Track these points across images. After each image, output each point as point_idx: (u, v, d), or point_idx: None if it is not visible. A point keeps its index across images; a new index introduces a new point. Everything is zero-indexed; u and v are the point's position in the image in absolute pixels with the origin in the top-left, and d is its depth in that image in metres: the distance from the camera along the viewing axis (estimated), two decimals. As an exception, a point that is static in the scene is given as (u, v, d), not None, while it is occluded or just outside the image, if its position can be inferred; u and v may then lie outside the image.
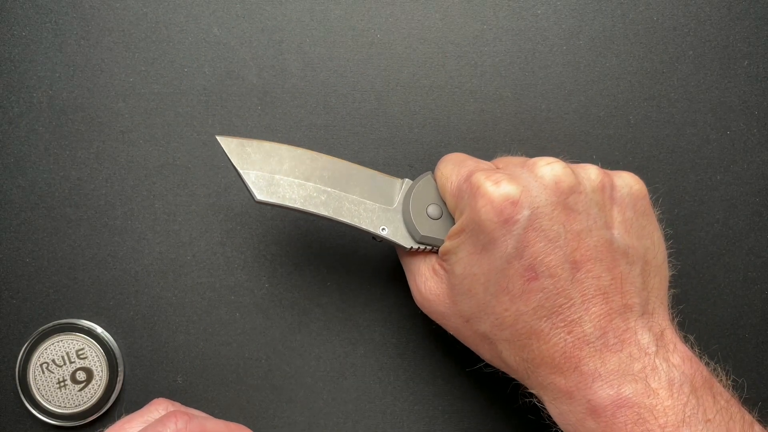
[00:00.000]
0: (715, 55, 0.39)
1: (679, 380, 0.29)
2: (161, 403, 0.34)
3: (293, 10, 0.39)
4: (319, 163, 0.34)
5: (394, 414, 0.39)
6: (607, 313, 0.29)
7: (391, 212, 0.34)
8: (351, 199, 0.34)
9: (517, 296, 0.30)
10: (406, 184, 0.35)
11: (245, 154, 0.33)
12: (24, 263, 0.39)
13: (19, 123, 0.39)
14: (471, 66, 0.39)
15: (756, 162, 0.39)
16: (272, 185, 0.33)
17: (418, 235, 0.33)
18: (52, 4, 0.39)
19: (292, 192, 0.33)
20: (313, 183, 0.33)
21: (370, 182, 0.34)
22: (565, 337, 0.29)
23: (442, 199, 0.34)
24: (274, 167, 0.33)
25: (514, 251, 0.29)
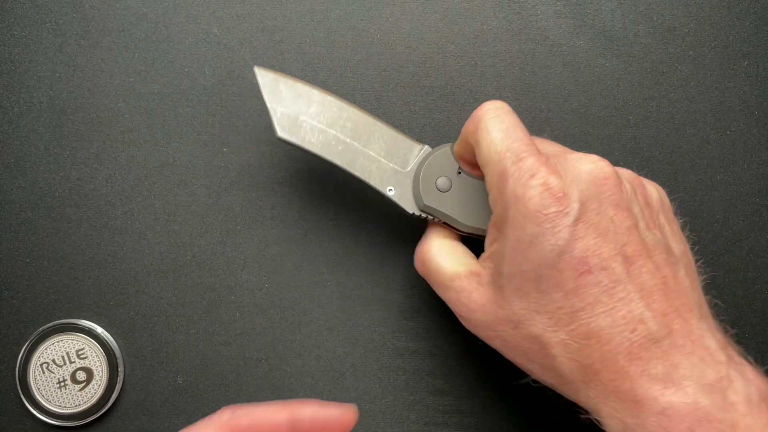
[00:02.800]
0: (715, 55, 0.39)
1: (756, 397, 0.26)
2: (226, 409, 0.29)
3: (293, 10, 0.39)
4: (345, 113, 0.34)
5: (394, 414, 0.39)
6: (670, 309, 0.28)
7: (402, 175, 0.35)
8: (367, 155, 0.34)
9: (570, 292, 0.28)
10: (425, 151, 0.35)
11: (277, 91, 0.34)
12: (24, 263, 0.39)
13: (19, 123, 0.39)
14: (471, 66, 0.39)
15: (756, 162, 0.39)
16: (295, 126, 0.34)
17: (421, 203, 0.34)
18: (52, 4, 0.39)
19: (312, 136, 0.34)
20: (334, 131, 0.34)
21: (390, 142, 0.35)
22: (628, 336, 0.27)
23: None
24: (301, 108, 0.34)
25: (565, 244, 0.28)
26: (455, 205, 0.34)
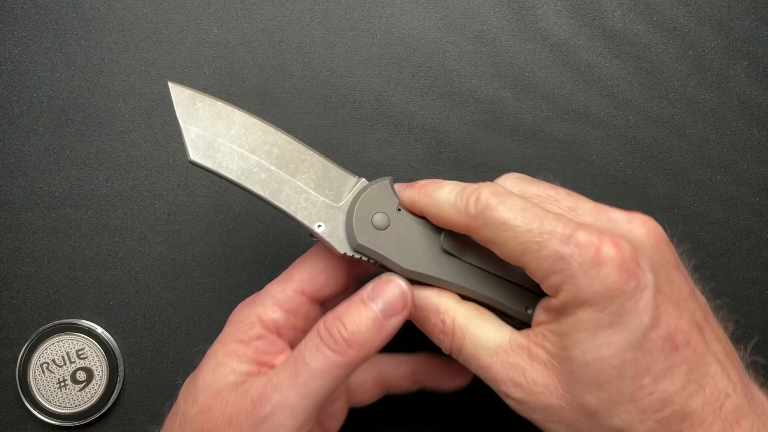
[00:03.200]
0: (715, 55, 0.39)
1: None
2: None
3: (293, 10, 0.39)
4: (270, 138, 0.30)
5: (394, 414, 0.39)
6: (740, 376, 0.26)
7: (334, 210, 0.30)
8: (294, 185, 0.30)
9: (660, 375, 0.25)
10: (361, 184, 0.31)
11: (193, 109, 0.30)
12: (24, 263, 0.39)
13: (19, 123, 0.39)
14: (471, 66, 0.39)
15: (756, 162, 0.39)
16: (212, 149, 0.30)
17: (354, 243, 0.30)
18: (52, 4, 0.39)
19: (231, 161, 0.30)
20: (257, 157, 0.30)
21: (322, 172, 0.31)
22: (719, 413, 0.25)
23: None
24: (219, 130, 0.30)
25: (650, 321, 0.25)
26: (394, 245, 0.30)
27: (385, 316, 0.28)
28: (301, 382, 0.27)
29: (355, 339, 0.27)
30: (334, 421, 0.34)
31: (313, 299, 0.31)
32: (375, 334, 0.27)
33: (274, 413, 0.27)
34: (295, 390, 0.27)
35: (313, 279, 0.30)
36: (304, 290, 0.30)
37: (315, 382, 0.27)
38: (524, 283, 0.30)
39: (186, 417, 0.29)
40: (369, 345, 0.27)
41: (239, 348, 0.29)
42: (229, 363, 0.29)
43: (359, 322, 0.27)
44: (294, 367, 0.27)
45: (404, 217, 0.30)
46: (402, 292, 0.28)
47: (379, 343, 0.28)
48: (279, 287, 0.30)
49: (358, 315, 0.28)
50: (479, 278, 0.30)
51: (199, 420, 0.28)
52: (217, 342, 0.30)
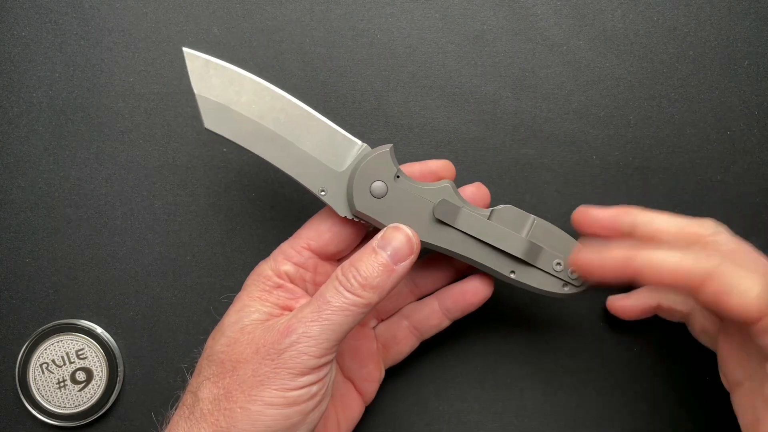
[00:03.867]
0: (715, 55, 0.39)
1: None
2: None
3: (293, 10, 0.39)
4: (279, 103, 0.32)
5: (394, 414, 0.39)
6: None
7: (337, 175, 0.32)
8: (299, 151, 0.32)
9: None
10: (364, 150, 0.33)
11: (206, 76, 0.31)
12: (24, 263, 0.39)
13: (19, 123, 0.39)
14: (471, 66, 0.39)
15: (756, 162, 0.39)
16: (224, 116, 0.31)
17: (353, 208, 0.32)
18: (52, 4, 0.39)
19: (241, 127, 0.32)
20: (266, 123, 0.32)
21: (327, 138, 0.32)
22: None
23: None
24: (231, 96, 0.31)
25: None
26: (390, 212, 0.32)
27: (394, 261, 0.31)
28: (324, 317, 0.30)
29: (369, 282, 0.30)
30: (369, 384, 0.37)
31: (320, 255, 0.34)
32: (386, 277, 0.31)
33: (299, 341, 0.30)
34: (318, 324, 0.30)
35: (320, 237, 0.34)
36: (311, 246, 0.34)
37: (335, 318, 0.30)
38: (508, 248, 0.33)
39: (213, 351, 0.32)
40: (382, 287, 0.31)
41: (262, 294, 0.33)
42: (252, 305, 0.33)
43: (371, 268, 0.31)
44: (317, 305, 0.31)
45: (401, 186, 0.32)
46: (408, 239, 0.31)
47: (391, 285, 0.31)
48: (289, 244, 0.34)
49: (370, 261, 0.31)
50: (468, 244, 0.33)
51: (227, 351, 0.31)
52: (241, 293, 0.34)
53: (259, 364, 0.30)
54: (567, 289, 0.34)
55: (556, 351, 0.39)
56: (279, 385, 0.30)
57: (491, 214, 0.33)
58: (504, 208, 0.33)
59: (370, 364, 0.37)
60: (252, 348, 0.31)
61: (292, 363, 0.30)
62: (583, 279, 0.33)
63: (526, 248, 0.33)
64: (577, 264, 0.31)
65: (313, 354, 0.30)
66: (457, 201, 0.33)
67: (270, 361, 0.30)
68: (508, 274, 0.33)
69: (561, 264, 0.33)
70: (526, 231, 0.33)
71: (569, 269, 0.33)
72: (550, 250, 0.33)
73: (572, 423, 0.39)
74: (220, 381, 0.31)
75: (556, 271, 0.33)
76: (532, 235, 0.33)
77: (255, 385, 0.30)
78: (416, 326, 0.37)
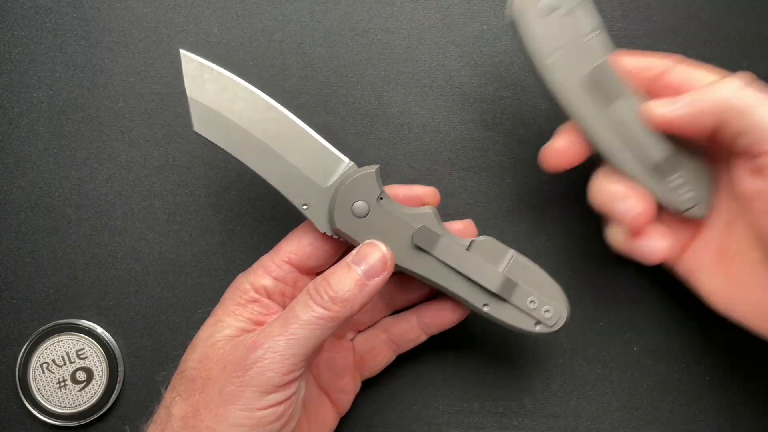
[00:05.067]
0: (715, 55, 0.39)
1: None
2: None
3: (293, 10, 0.39)
4: (270, 114, 0.32)
5: (394, 414, 0.39)
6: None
7: (321, 190, 0.32)
8: (285, 163, 0.32)
9: None
10: (350, 169, 0.33)
11: (201, 80, 0.32)
12: (24, 263, 0.39)
13: (19, 123, 0.39)
14: (471, 66, 0.39)
15: (756, 162, 0.39)
16: (214, 122, 0.32)
17: (333, 225, 0.32)
18: (52, 4, 0.39)
19: (229, 134, 0.32)
20: (255, 133, 0.32)
21: (315, 153, 0.32)
22: None
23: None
24: (223, 103, 0.32)
25: None
26: (369, 233, 0.32)
27: (367, 276, 0.31)
28: (291, 331, 0.30)
29: (339, 296, 0.30)
30: (344, 396, 0.37)
31: (300, 269, 0.34)
32: (358, 292, 0.30)
33: (264, 357, 0.29)
34: (284, 338, 0.30)
35: (300, 250, 0.34)
36: (291, 260, 0.34)
37: (303, 332, 0.30)
38: (483, 282, 0.33)
39: (185, 366, 0.32)
40: (352, 302, 0.30)
41: (236, 309, 0.33)
42: (226, 320, 0.32)
43: (343, 282, 0.30)
44: (285, 319, 0.30)
45: (383, 208, 0.32)
46: (382, 256, 0.31)
47: (363, 300, 0.31)
48: (270, 257, 0.34)
49: (343, 276, 0.31)
50: (444, 273, 0.33)
51: (197, 368, 0.31)
52: (217, 306, 0.34)
53: (226, 381, 0.30)
54: (539, 327, 0.33)
55: (556, 351, 0.39)
56: (244, 404, 0.29)
57: (471, 244, 0.33)
58: (484, 240, 0.33)
59: (346, 377, 0.37)
60: (220, 365, 0.30)
61: (257, 380, 0.29)
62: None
63: (501, 283, 0.33)
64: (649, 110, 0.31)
65: (279, 370, 0.29)
66: (438, 228, 0.33)
67: (236, 378, 0.30)
68: (481, 307, 0.33)
69: (535, 302, 0.33)
70: (503, 265, 0.33)
71: (543, 308, 0.33)
72: (526, 287, 0.33)
73: (572, 423, 0.39)
74: (190, 398, 0.31)
75: (529, 309, 0.33)
76: (509, 270, 0.33)
77: (222, 404, 0.29)
78: (394, 340, 0.37)
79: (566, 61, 0.31)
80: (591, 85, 0.32)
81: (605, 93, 0.31)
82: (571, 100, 0.32)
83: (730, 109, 0.29)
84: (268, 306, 0.33)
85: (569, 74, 0.31)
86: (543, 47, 0.31)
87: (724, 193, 0.33)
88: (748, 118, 0.29)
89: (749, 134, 0.29)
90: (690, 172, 0.32)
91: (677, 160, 0.32)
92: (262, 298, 0.33)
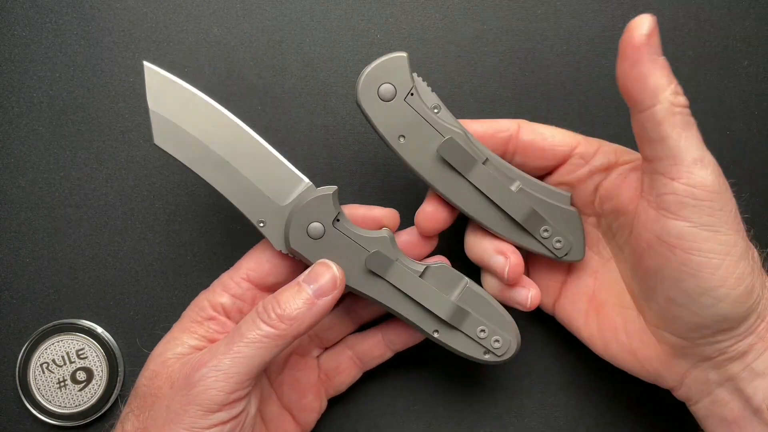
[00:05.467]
0: (715, 55, 0.39)
1: None
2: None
3: (293, 10, 0.39)
4: (231, 131, 0.32)
5: (393, 414, 0.39)
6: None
7: (278, 209, 0.32)
8: (244, 180, 0.32)
9: None
10: (308, 189, 0.33)
11: (163, 93, 0.31)
12: (24, 263, 0.39)
13: (19, 123, 0.39)
14: (471, 66, 0.39)
15: (756, 162, 0.39)
16: (174, 135, 0.32)
17: (288, 245, 0.32)
18: (52, 4, 0.39)
19: (189, 148, 0.32)
20: (214, 148, 0.32)
21: (274, 171, 0.32)
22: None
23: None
24: (185, 117, 0.32)
25: None
26: (323, 255, 0.32)
27: (316, 296, 0.31)
28: (235, 349, 0.30)
29: (287, 315, 0.30)
30: (307, 414, 0.36)
31: (259, 286, 0.34)
32: (306, 310, 0.31)
33: (208, 376, 0.29)
34: (229, 356, 0.30)
35: (258, 268, 0.33)
36: (249, 277, 0.33)
37: (248, 350, 0.30)
38: (434, 309, 0.33)
39: (139, 382, 0.32)
40: (300, 320, 0.30)
41: (191, 326, 0.33)
42: (180, 337, 0.33)
43: (292, 301, 0.31)
44: (231, 337, 0.30)
45: (339, 230, 0.32)
46: (332, 275, 0.31)
47: (311, 319, 0.31)
48: (229, 275, 0.34)
49: (292, 294, 0.31)
50: (396, 298, 0.33)
51: (148, 385, 0.31)
52: (176, 323, 0.34)
53: (172, 399, 0.30)
54: (488, 356, 0.34)
55: (556, 350, 0.39)
56: (188, 423, 0.29)
57: (425, 271, 0.33)
58: (439, 267, 0.33)
59: (310, 395, 0.36)
60: (168, 383, 0.30)
61: (200, 399, 0.29)
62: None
63: (452, 311, 0.33)
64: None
65: (223, 389, 0.29)
66: (392, 253, 0.33)
67: (181, 396, 0.29)
68: (431, 333, 0.33)
69: (485, 331, 0.33)
70: (456, 293, 0.33)
71: (492, 338, 0.33)
72: (477, 316, 0.33)
73: (572, 423, 0.39)
74: (141, 415, 0.31)
75: (479, 338, 0.33)
76: (461, 298, 0.33)
77: (168, 422, 0.29)
78: (359, 357, 0.37)
79: (414, 141, 0.32)
80: (442, 159, 0.32)
81: (458, 164, 0.32)
82: (427, 174, 0.32)
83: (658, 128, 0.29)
84: (224, 324, 0.33)
85: (419, 152, 0.32)
86: (390, 130, 0.32)
87: (591, 239, 0.35)
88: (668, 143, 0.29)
89: (665, 158, 0.29)
90: (557, 223, 0.33)
91: (540, 215, 0.33)
92: (219, 316, 0.33)
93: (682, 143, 0.28)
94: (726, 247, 0.29)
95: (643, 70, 0.28)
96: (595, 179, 0.33)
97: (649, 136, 0.29)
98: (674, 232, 0.29)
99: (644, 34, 0.28)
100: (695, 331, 0.30)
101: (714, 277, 0.29)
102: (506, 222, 0.33)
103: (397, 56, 0.32)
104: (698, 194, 0.28)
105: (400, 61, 0.32)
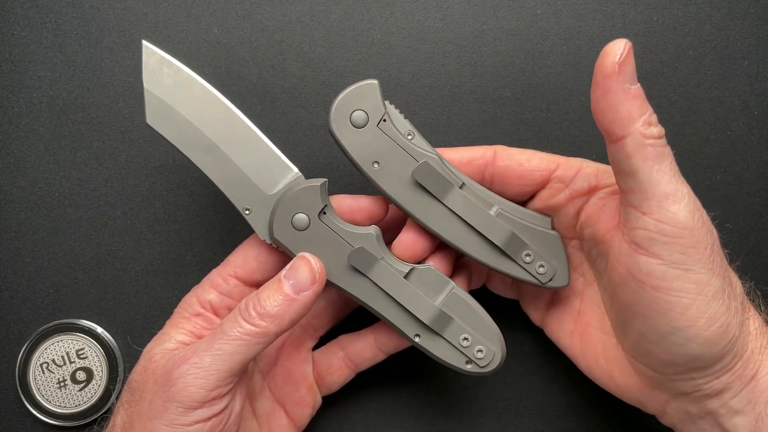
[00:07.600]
0: (715, 55, 0.39)
1: None
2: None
3: (293, 10, 0.39)
4: (224, 116, 0.32)
5: (394, 414, 0.39)
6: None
7: (265, 197, 0.32)
8: (232, 166, 0.32)
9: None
10: (297, 179, 0.32)
11: (159, 73, 0.31)
12: (24, 263, 0.39)
13: (19, 123, 0.39)
14: (471, 66, 0.39)
15: (756, 162, 0.39)
16: (167, 116, 0.31)
17: (272, 234, 0.32)
18: (52, 4, 0.39)
19: (180, 131, 0.31)
20: (206, 132, 0.32)
21: (264, 159, 0.32)
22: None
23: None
24: (179, 99, 0.31)
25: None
26: (307, 247, 0.32)
27: (295, 291, 0.31)
28: (216, 347, 0.30)
29: (267, 312, 0.30)
30: (301, 409, 0.36)
31: (247, 283, 0.34)
32: (287, 307, 0.30)
33: (188, 373, 0.29)
34: (209, 354, 0.30)
35: (246, 264, 0.33)
36: (237, 274, 0.33)
37: (228, 347, 0.30)
38: (416, 312, 0.32)
39: (131, 378, 0.32)
40: (281, 317, 0.30)
41: (180, 322, 0.33)
42: (169, 333, 0.33)
43: (272, 298, 0.30)
44: (213, 335, 0.30)
45: (324, 222, 0.32)
46: (311, 268, 0.31)
47: (293, 315, 0.30)
48: (217, 272, 0.34)
49: (272, 290, 0.31)
50: (378, 297, 0.32)
51: (138, 380, 0.32)
52: (168, 319, 0.34)
53: (154, 395, 0.30)
54: (470, 367, 0.33)
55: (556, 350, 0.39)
56: (169, 420, 0.29)
57: (410, 272, 0.32)
58: (425, 269, 0.32)
59: (303, 388, 0.36)
60: (153, 378, 0.31)
61: (180, 396, 0.29)
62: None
63: (435, 316, 0.32)
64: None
65: (203, 386, 0.29)
66: (377, 251, 0.32)
67: (162, 393, 0.29)
68: (412, 337, 0.33)
69: (469, 339, 0.32)
70: (441, 298, 0.32)
71: (476, 347, 0.32)
72: (461, 323, 0.32)
73: (572, 423, 0.39)
74: (130, 409, 0.31)
75: (462, 346, 0.32)
76: (446, 304, 0.32)
77: (150, 418, 0.29)
78: (351, 358, 0.36)
79: (389, 167, 0.32)
80: (417, 185, 0.32)
81: (434, 188, 0.32)
82: (403, 201, 0.32)
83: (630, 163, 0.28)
84: (211, 321, 0.33)
85: (394, 178, 0.32)
86: (363, 157, 0.32)
87: (575, 261, 0.34)
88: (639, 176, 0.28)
89: (637, 192, 0.28)
90: (539, 247, 0.32)
91: (521, 239, 0.32)
92: (206, 313, 0.33)
93: (654, 177, 0.28)
94: (698, 286, 0.28)
95: (613, 101, 0.28)
96: (576, 203, 0.33)
97: (621, 167, 0.28)
98: (644, 268, 0.28)
99: (616, 62, 0.28)
100: (668, 367, 0.30)
101: (683, 317, 0.28)
102: (486, 247, 0.32)
103: (368, 83, 0.32)
104: (669, 230, 0.28)
105: (371, 89, 0.32)
